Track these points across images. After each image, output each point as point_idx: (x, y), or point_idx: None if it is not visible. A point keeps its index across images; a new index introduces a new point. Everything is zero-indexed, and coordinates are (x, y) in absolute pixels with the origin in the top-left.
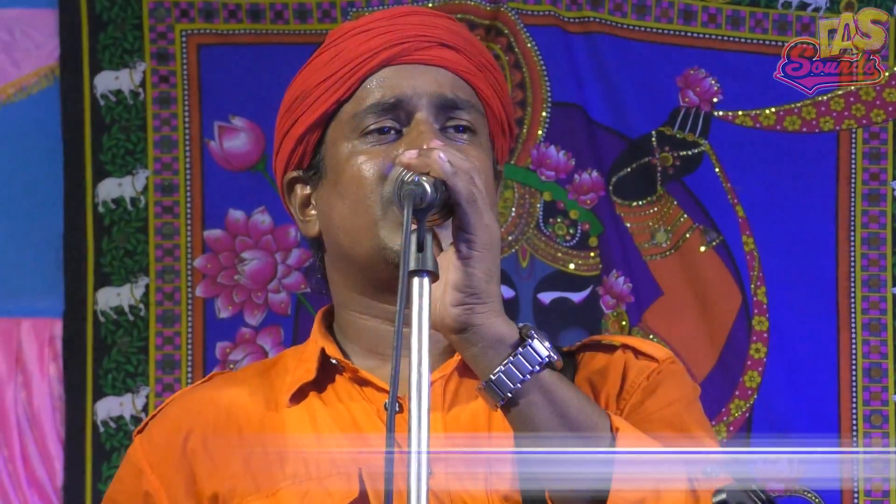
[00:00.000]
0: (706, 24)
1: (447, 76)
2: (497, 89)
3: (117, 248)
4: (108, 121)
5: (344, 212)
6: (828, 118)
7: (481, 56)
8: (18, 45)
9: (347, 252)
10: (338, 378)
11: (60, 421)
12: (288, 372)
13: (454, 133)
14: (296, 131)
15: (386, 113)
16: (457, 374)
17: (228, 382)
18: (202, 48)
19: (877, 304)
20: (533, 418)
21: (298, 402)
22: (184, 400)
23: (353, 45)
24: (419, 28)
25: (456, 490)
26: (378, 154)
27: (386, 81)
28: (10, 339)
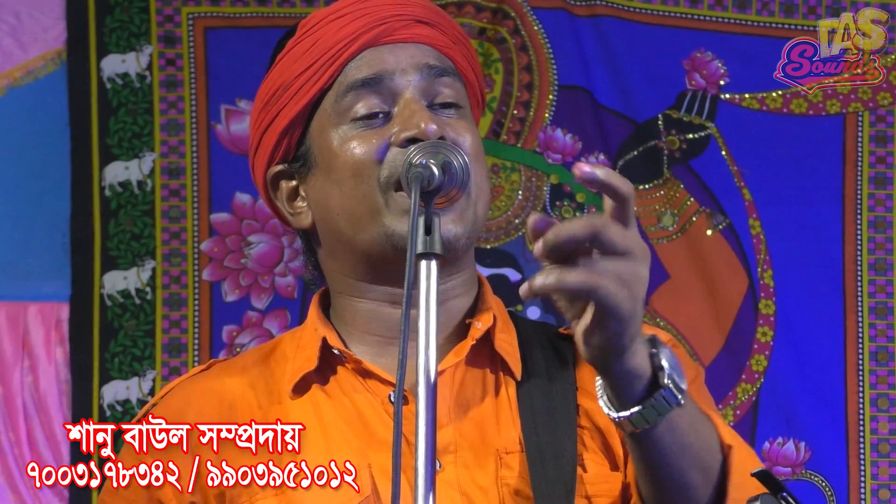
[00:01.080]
0: (713, 7)
1: (428, 51)
2: (471, 61)
3: (124, 232)
4: (114, 104)
5: (342, 199)
6: (834, 101)
7: (454, 30)
8: (25, 29)
9: (349, 238)
10: (339, 368)
11: (67, 405)
12: (287, 359)
13: (442, 109)
14: (278, 125)
15: (369, 90)
16: (464, 364)
17: (228, 371)
18: (209, 31)
19: (883, 288)
20: (659, 451)
21: (301, 393)
22: (184, 390)
23: (330, 31)
24: (394, 8)
25: (466, 483)
26: (370, 137)
27: (367, 62)
28: (16, 323)
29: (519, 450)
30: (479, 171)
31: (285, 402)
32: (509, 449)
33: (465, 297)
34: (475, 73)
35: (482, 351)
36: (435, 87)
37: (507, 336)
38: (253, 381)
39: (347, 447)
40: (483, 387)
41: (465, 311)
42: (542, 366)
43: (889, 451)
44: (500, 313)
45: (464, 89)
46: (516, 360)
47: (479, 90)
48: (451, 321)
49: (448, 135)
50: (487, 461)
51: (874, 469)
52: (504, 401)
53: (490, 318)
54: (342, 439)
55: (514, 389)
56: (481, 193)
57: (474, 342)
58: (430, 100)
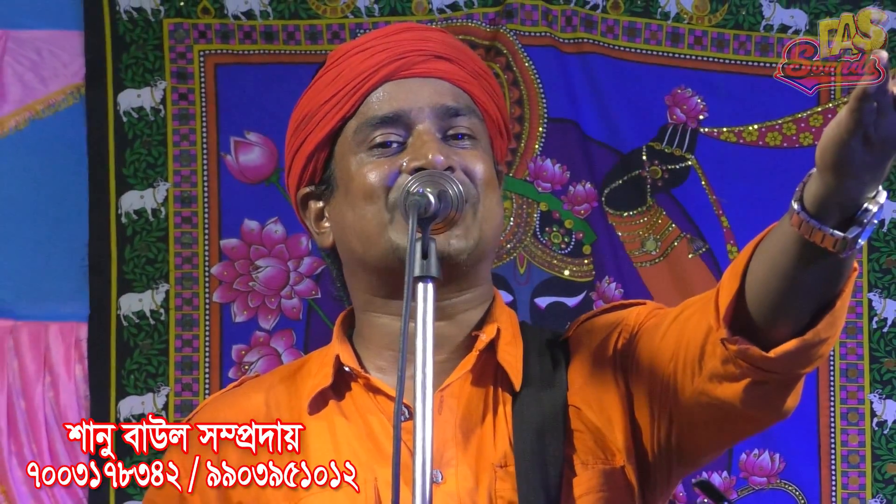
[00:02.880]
0: (692, 46)
1: (445, 86)
2: (492, 94)
3: (139, 257)
4: (130, 136)
5: (355, 219)
6: (807, 133)
7: (474, 64)
8: (46, 65)
9: (361, 256)
10: (353, 384)
11: (86, 418)
12: (311, 376)
13: (454, 140)
14: (305, 150)
15: (388, 126)
16: (470, 376)
17: (256, 388)
18: (219, 67)
19: (853, 309)
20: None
21: (319, 408)
22: (215, 405)
23: (353, 63)
24: (415, 43)
25: (464, 495)
26: (383, 164)
27: (387, 96)
28: (38, 342)
29: (513, 463)
30: (489, 196)
31: (304, 418)
32: (503, 463)
33: (476, 311)
34: (497, 105)
35: (489, 362)
36: (449, 121)
37: (513, 349)
38: (277, 399)
39: (356, 461)
40: (484, 402)
41: (474, 324)
42: (538, 374)
43: (858, 461)
44: (509, 326)
45: (480, 122)
46: (517, 372)
47: (501, 122)
48: (461, 334)
49: (457, 165)
50: (483, 475)
51: (844, 479)
52: (501, 416)
53: (494, 330)
54: (352, 454)
55: (511, 403)
56: (489, 216)
57: (478, 355)
58: (444, 132)
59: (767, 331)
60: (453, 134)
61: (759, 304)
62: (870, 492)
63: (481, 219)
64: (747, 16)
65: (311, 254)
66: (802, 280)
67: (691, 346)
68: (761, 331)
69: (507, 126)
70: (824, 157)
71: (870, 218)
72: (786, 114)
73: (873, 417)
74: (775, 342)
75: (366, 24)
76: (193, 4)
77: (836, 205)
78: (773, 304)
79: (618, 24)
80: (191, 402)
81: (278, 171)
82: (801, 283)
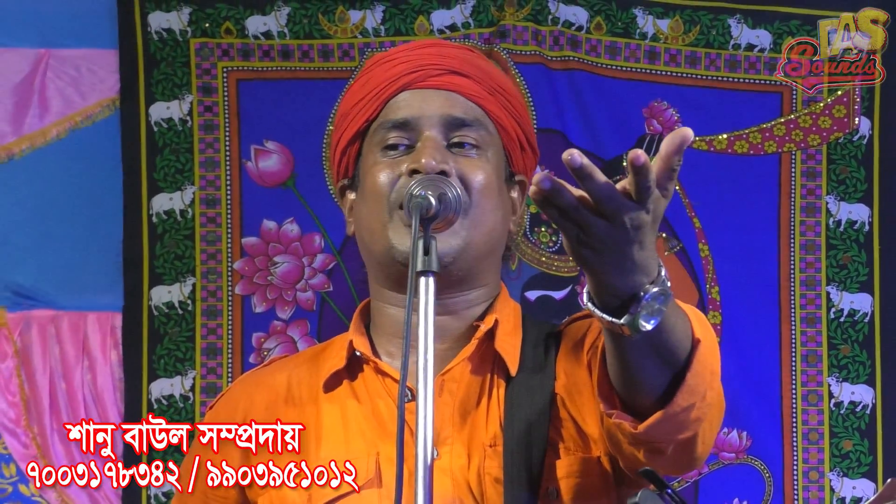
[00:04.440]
0: (668, 63)
1: (457, 98)
2: (511, 111)
3: (168, 253)
4: (160, 144)
5: (365, 215)
6: (771, 142)
7: (493, 82)
8: (84, 80)
9: (369, 247)
10: (365, 368)
11: (120, 399)
12: (330, 358)
13: (459, 149)
14: (340, 145)
15: (400, 129)
16: (469, 365)
17: (281, 368)
18: (241, 82)
19: (813, 301)
20: (637, 350)
21: (333, 388)
22: (245, 383)
23: (379, 72)
24: (434, 58)
25: (456, 470)
26: (390, 165)
27: (403, 103)
28: (77, 330)
29: (501, 443)
30: (482, 204)
31: (320, 396)
32: (493, 443)
33: (478, 307)
34: (517, 121)
35: (488, 350)
36: (456, 130)
37: (512, 339)
38: (299, 379)
39: (362, 438)
40: (481, 387)
41: (476, 317)
42: (532, 363)
43: (817, 438)
44: (510, 318)
45: (490, 135)
46: (514, 359)
47: (522, 136)
48: (463, 326)
49: (453, 171)
50: (475, 454)
51: (805, 454)
52: (494, 399)
53: (492, 321)
54: (358, 431)
55: (504, 388)
56: (479, 222)
57: (476, 343)
58: (449, 140)
59: (633, 403)
60: (458, 142)
61: (614, 380)
62: (828, 465)
63: (470, 224)
64: (717, 36)
65: (323, 251)
66: (627, 359)
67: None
68: (631, 403)
69: (529, 141)
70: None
71: (645, 303)
72: (752, 124)
73: (831, 399)
74: (646, 414)
75: (373, 43)
76: (217, 26)
77: (608, 294)
78: (619, 381)
79: (600, 43)
80: (215, 384)
81: (294, 175)
82: (627, 362)
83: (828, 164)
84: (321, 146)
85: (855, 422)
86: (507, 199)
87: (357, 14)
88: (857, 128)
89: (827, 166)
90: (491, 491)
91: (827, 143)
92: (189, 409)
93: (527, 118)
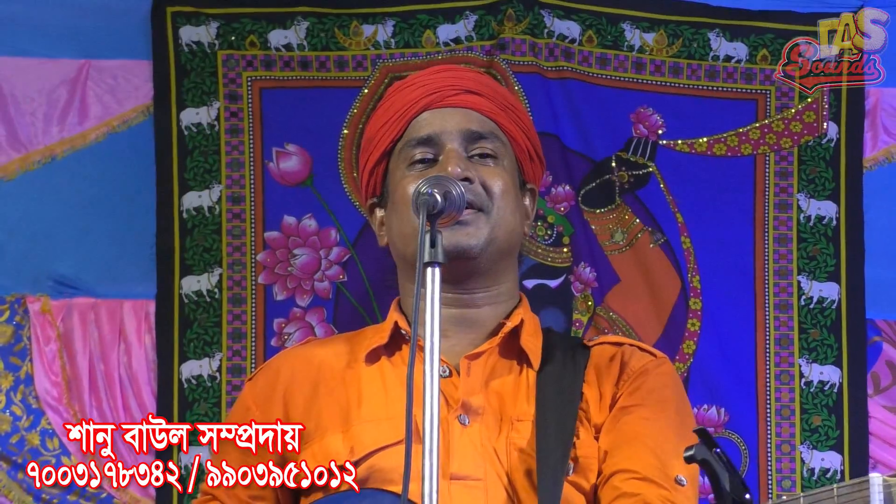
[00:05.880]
0: (653, 73)
1: (473, 115)
2: (519, 125)
3: (197, 246)
4: (190, 147)
5: (398, 223)
6: (747, 145)
7: (504, 99)
8: (121, 88)
9: (403, 253)
10: (404, 346)
11: (154, 379)
12: (367, 339)
13: (479, 159)
14: (368, 166)
15: (424, 145)
16: (497, 352)
17: (319, 346)
18: (263, 91)
19: (785, 289)
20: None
21: (373, 361)
22: (286, 356)
23: (402, 96)
24: (451, 80)
25: (485, 439)
26: (418, 178)
27: (425, 122)
28: (114, 316)
29: (530, 420)
30: (503, 206)
31: (360, 367)
32: (521, 418)
33: (501, 306)
34: (526, 134)
35: (512, 346)
36: (474, 143)
37: (534, 339)
38: (337, 353)
39: (400, 402)
40: (508, 370)
41: (501, 317)
42: (560, 362)
43: (789, 414)
44: (532, 323)
45: (504, 146)
46: (537, 355)
47: (531, 148)
48: (489, 321)
49: (476, 178)
50: (503, 425)
51: (778, 428)
52: (523, 382)
53: (518, 319)
54: (396, 397)
55: (534, 376)
56: (501, 223)
57: (503, 337)
58: (469, 152)
59: None
60: (478, 153)
61: None
62: (798, 439)
63: (493, 224)
64: (698, 48)
65: (339, 244)
66: None
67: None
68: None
69: (537, 152)
70: None
71: None
72: (729, 129)
73: (801, 378)
74: None
75: (384, 54)
76: (242, 39)
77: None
78: None
79: (592, 54)
80: (240, 365)
81: (312, 175)
82: None
83: (799, 164)
84: (337, 149)
85: (823, 399)
86: (522, 205)
87: (370, 28)
88: (826, 132)
89: (798, 167)
90: (517, 461)
91: (798, 145)
92: (216, 388)
93: (533, 132)
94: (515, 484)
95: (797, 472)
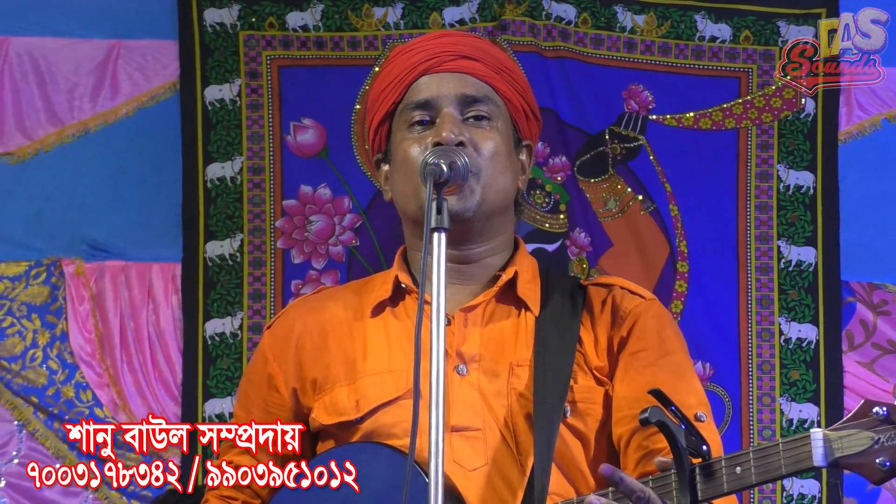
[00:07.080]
0: (644, 52)
1: (469, 79)
2: (515, 86)
3: (220, 213)
4: (214, 121)
5: (400, 182)
6: (731, 119)
7: (499, 63)
8: (149, 66)
9: (403, 209)
10: (407, 298)
11: (180, 336)
12: (374, 290)
13: (474, 122)
14: (373, 125)
15: (422, 108)
16: (495, 300)
17: (331, 296)
18: (282, 69)
19: (766, 253)
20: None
21: (378, 313)
22: (300, 306)
23: (401, 61)
24: (447, 45)
25: (484, 385)
26: (416, 140)
27: (423, 86)
28: (144, 278)
29: (528, 364)
30: (492, 167)
31: (366, 320)
32: (520, 363)
33: (496, 257)
34: (522, 95)
35: (510, 295)
36: (469, 106)
37: (532, 285)
38: (346, 305)
39: (402, 355)
40: (507, 317)
41: (499, 267)
42: (559, 306)
43: (770, 369)
44: (528, 269)
45: (499, 108)
46: (535, 301)
47: (527, 107)
48: (486, 274)
49: (468, 141)
50: (502, 371)
51: (759, 382)
52: (522, 328)
53: (512, 272)
54: (400, 349)
55: (532, 321)
56: (491, 182)
57: (500, 287)
58: (464, 114)
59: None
60: (473, 116)
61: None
62: (778, 392)
63: (483, 185)
64: (685, 29)
65: (352, 211)
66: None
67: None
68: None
69: (533, 110)
70: None
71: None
72: (714, 104)
73: (781, 335)
74: None
75: (394, 35)
76: (262, 20)
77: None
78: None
79: (586, 35)
80: (260, 323)
81: (327, 148)
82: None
83: (779, 137)
84: (350, 123)
85: (801, 355)
86: (517, 162)
87: (380, 10)
88: (804, 107)
89: (778, 140)
90: (516, 405)
91: (778, 120)
92: (238, 345)
93: (529, 91)
94: (516, 428)
95: (777, 423)
